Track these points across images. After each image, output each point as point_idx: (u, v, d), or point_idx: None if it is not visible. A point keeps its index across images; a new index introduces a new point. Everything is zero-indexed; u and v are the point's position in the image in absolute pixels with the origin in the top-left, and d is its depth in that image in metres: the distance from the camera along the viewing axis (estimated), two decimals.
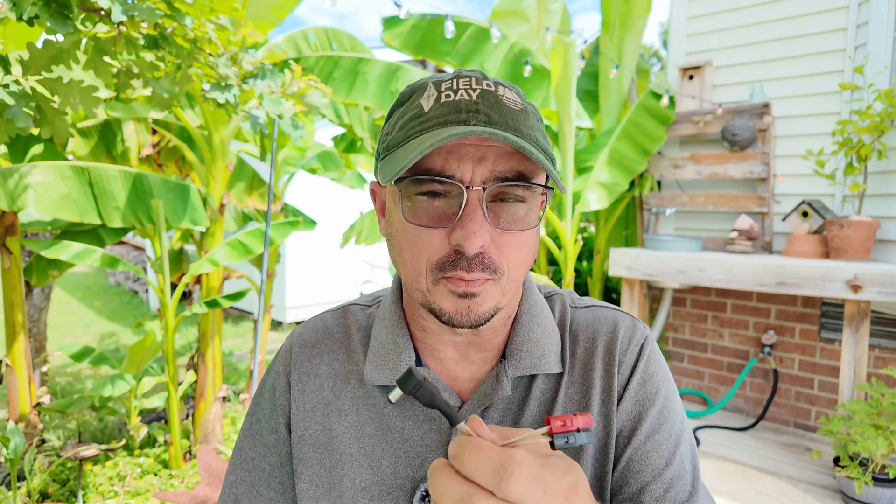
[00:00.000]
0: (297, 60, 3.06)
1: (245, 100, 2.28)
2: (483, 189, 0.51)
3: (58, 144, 2.64)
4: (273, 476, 0.66)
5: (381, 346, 0.64)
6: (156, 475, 2.69)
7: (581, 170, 3.64)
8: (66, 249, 2.37)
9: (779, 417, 3.32)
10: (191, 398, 3.68)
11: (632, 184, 3.71)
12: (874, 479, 2.26)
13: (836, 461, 2.48)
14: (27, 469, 2.34)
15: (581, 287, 4.39)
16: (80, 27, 1.68)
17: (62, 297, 7.88)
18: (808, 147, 3.03)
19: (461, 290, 0.53)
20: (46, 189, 2.24)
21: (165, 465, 2.78)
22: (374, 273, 6.73)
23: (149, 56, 2.04)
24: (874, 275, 2.46)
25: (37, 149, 2.55)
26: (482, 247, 0.52)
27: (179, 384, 3.16)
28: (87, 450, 2.40)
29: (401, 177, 0.53)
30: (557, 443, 0.39)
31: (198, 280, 2.98)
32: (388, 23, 3.59)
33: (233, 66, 2.09)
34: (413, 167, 0.53)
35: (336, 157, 3.89)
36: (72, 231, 2.83)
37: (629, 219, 4.03)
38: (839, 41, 3.01)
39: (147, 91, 2.39)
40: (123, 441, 2.89)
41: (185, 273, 3.01)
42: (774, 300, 3.31)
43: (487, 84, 0.55)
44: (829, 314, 3.12)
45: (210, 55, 2.02)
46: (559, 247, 3.91)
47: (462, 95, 0.53)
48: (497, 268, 0.53)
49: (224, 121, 2.75)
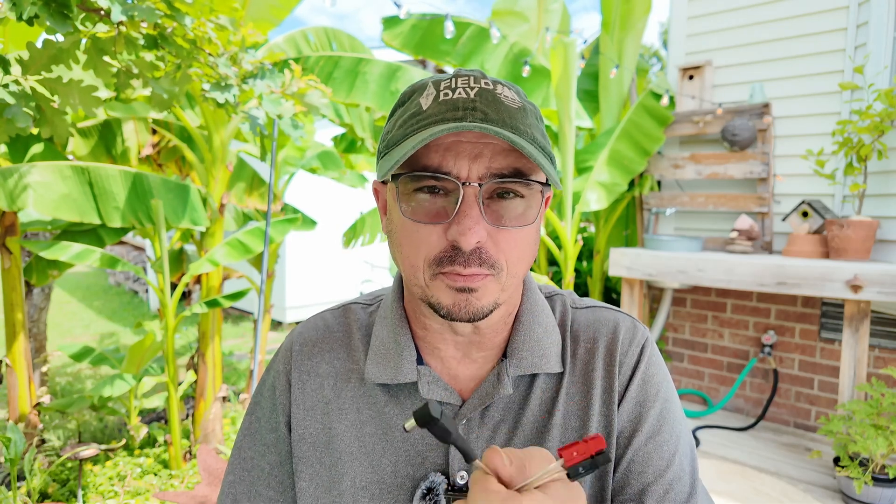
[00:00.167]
0: (297, 60, 3.06)
1: (245, 100, 2.28)
2: (479, 185, 0.52)
3: (58, 144, 2.64)
4: (272, 475, 0.66)
5: (383, 345, 0.64)
6: (156, 475, 2.69)
7: (581, 170, 3.64)
8: (66, 250, 2.37)
9: (779, 417, 3.32)
10: (191, 398, 3.68)
11: (632, 184, 3.71)
12: (874, 479, 2.26)
13: (836, 461, 2.48)
14: (27, 469, 2.33)
15: (581, 287, 4.39)
16: (80, 27, 1.68)
17: (62, 297, 7.88)
18: (808, 147, 3.03)
19: (459, 285, 0.53)
20: (46, 189, 2.24)
21: (165, 465, 2.78)
22: (374, 273, 6.73)
23: (148, 56, 2.04)
24: (874, 275, 2.46)
25: (37, 148, 2.55)
26: (478, 243, 0.52)
27: (179, 384, 3.16)
28: (87, 450, 2.40)
29: (398, 173, 0.53)
30: (573, 474, 0.39)
31: (198, 280, 2.98)
32: (388, 23, 3.59)
33: (233, 66, 2.09)
34: (410, 164, 0.53)
35: (336, 157, 3.89)
36: (72, 231, 2.83)
37: (629, 219, 4.03)
38: (839, 41, 3.01)
39: (147, 91, 2.39)
40: (123, 441, 2.89)
41: (185, 273, 3.01)
42: (774, 300, 3.31)
43: (486, 83, 0.55)
44: (829, 314, 3.12)
45: (210, 55, 2.02)
46: (559, 247, 3.91)
47: (460, 94, 0.53)
48: (495, 262, 0.53)
49: (224, 121, 2.75)
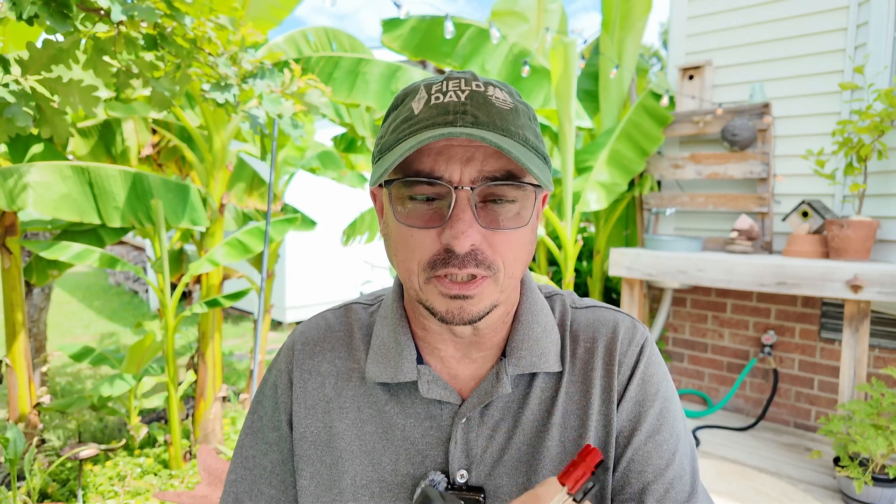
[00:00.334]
0: (298, 60, 3.06)
1: (245, 99, 2.28)
2: (472, 189, 0.52)
3: (58, 144, 2.64)
4: (274, 474, 0.66)
5: (383, 345, 0.64)
6: (156, 475, 2.69)
7: (581, 170, 3.64)
8: (66, 250, 2.37)
9: (779, 417, 3.32)
10: (191, 398, 3.68)
11: (632, 184, 3.71)
12: (874, 479, 2.26)
13: (836, 461, 2.48)
14: (27, 469, 2.33)
15: (581, 287, 4.39)
16: (80, 27, 1.68)
17: (62, 297, 7.88)
18: (808, 147, 3.03)
19: (453, 293, 0.53)
20: (46, 189, 2.24)
21: (165, 465, 2.78)
22: (374, 273, 6.73)
23: (148, 56, 2.04)
24: (874, 275, 2.46)
25: (37, 148, 2.55)
26: (473, 245, 0.52)
27: (179, 384, 3.16)
28: (87, 450, 2.40)
29: (391, 179, 0.54)
30: (581, 497, 0.39)
31: (198, 280, 2.98)
32: (388, 25, 3.59)
33: (232, 66, 2.09)
34: (403, 169, 0.53)
35: (336, 157, 3.89)
36: (72, 231, 2.83)
37: (629, 219, 4.03)
38: (839, 41, 3.01)
39: (147, 91, 2.39)
40: (123, 441, 2.89)
41: (185, 273, 3.01)
42: (774, 300, 3.31)
43: (477, 85, 0.55)
44: (829, 314, 3.12)
45: (210, 55, 2.02)
46: (559, 247, 3.91)
47: (451, 97, 0.54)
48: (491, 263, 0.54)
49: (224, 121, 2.75)
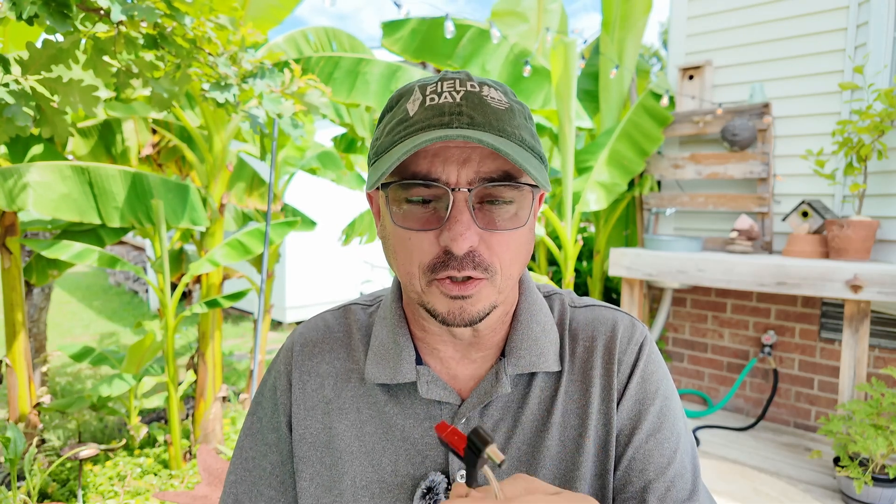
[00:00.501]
0: (298, 60, 3.06)
1: (245, 99, 2.28)
2: (469, 190, 0.52)
3: (58, 144, 2.64)
4: (274, 475, 0.66)
5: (382, 346, 0.64)
6: (156, 475, 2.69)
7: (581, 170, 3.64)
8: (66, 249, 2.37)
9: (779, 417, 3.32)
10: (191, 398, 3.68)
11: (632, 184, 3.71)
12: (874, 479, 2.26)
13: (836, 461, 2.48)
14: (27, 469, 2.33)
15: (581, 287, 4.39)
16: (80, 27, 1.68)
17: (62, 297, 7.88)
18: (808, 147, 3.03)
19: (453, 294, 0.53)
20: (46, 189, 2.24)
21: (165, 465, 2.78)
22: (374, 273, 6.73)
23: (148, 56, 2.04)
24: (874, 275, 2.46)
25: (37, 149, 2.55)
26: (471, 247, 0.52)
27: (179, 384, 3.16)
28: (87, 450, 2.40)
29: (388, 182, 0.53)
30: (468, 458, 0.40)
31: (198, 280, 2.98)
32: (388, 28, 3.58)
33: (232, 66, 2.09)
34: (399, 171, 0.53)
35: (336, 158, 3.88)
36: (72, 231, 2.83)
37: (629, 219, 4.03)
38: (839, 41, 3.01)
39: (147, 91, 2.39)
40: (123, 441, 2.89)
41: (185, 273, 3.01)
42: (774, 300, 3.31)
43: (472, 85, 0.54)
44: (829, 314, 3.12)
45: (209, 55, 2.02)
46: (559, 247, 3.91)
47: (446, 98, 0.53)
48: (489, 265, 0.53)
49: (224, 121, 2.75)
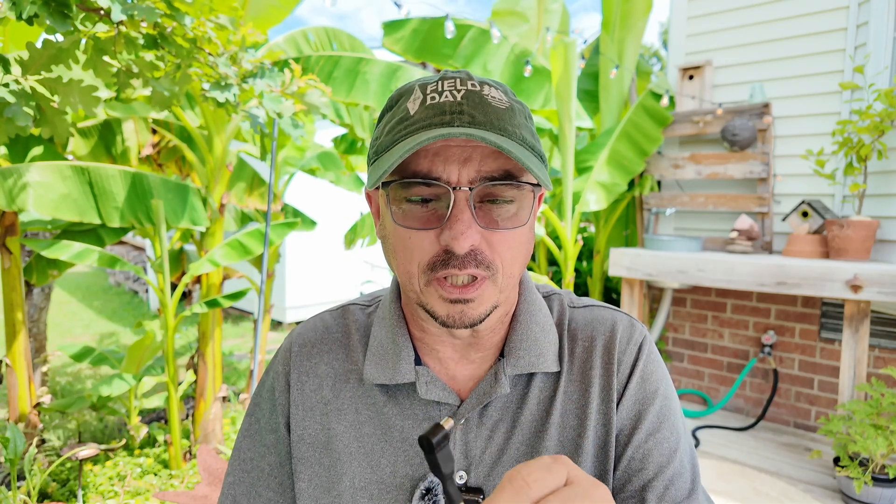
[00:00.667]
0: (298, 60, 3.06)
1: (245, 99, 2.28)
2: (470, 189, 0.51)
3: (58, 144, 2.64)
4: (272, 476, 0.66)
5: (381, 346, 0.64)
6: (156, 475, 2.69)
7: (581, 170, 3.64)
8: (66, 249, 2.37)
9: (779, 417, 3.32)
10: (191, 398, 3.68)
11: (632, 184, 3.71)
12: (874, 479, 2.26)
13: (836, 461, 2.48)
14: (27, 469, 2.33)
15: (581, 287, 4.39)
16: (80, 27, 1.68)
17: (62, 297, 7.88)
18: (808, 147, 3.03)
19: (453, 297, 0.53)
20: (46, 189, 2.24)
21: (165, 465, 2.78)
22: (374, 273, 6.73)
23: (148, 56, 2.04)
24: (874, 275, 2.46)
25: (36, 150, 2.55)
26: (472, 246, 0.52)
27: (179, 384, 3.16)
28: (87, 450, 2.40)
29: (388, 181, 0.53)
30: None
31: (198, 280, 2.98)
32: (389, 27, 3.57)
33: (232, 66, 2.09)
34: (400, 170, 0.53)
35: (336, 158, 3.88)
36: (72, 231, 2.83)
37: (629, 219, 4.03)
38: (839, 41, 3.01)
39: (147, 91, 2.39)
40: (123, 441, 2.89)
41: (185, 273, 3.01)
42: (774, 300, 3.31)
43: (472, 84, 0.54)
44: (829, 314, 3.12)
45: (210, 54, 2.02)
46: (559, 247, 3.91)
47: (446, 97, 0.53)
48: (490, 263, 0.53)
49: (224, 121, 2.75)
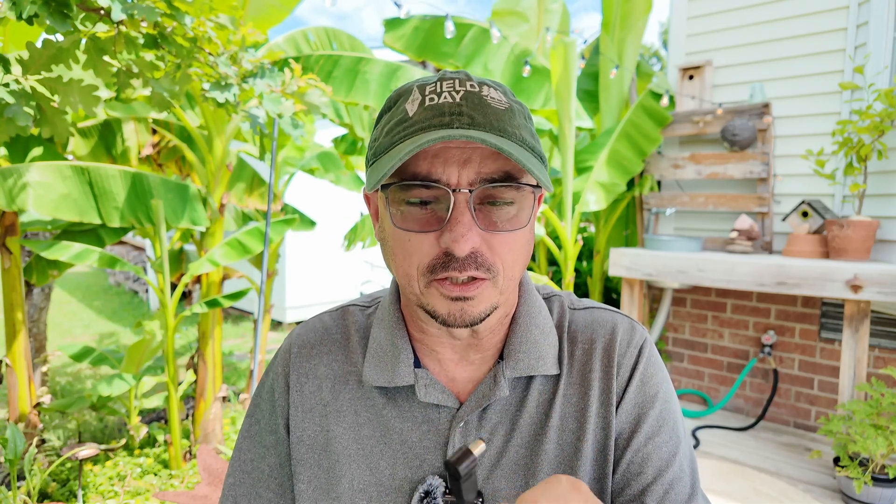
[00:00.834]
0: (297, 60, 3.05)
1: (245, 99, 2.28)
2: (470, 191, 0.51)
3: (58, 144, 2.64)
4: (272, 477, 0.66)
5: (380, 348, 0.64)
6: (156, 475, 2.69)
7: (581, 170, 3.64)
8: (66, 250, 2.37)
9: (779, 417, 3.32)
10: (191, 398, 3.68)
11: (631, 184, 3.71)
12: (874, 479, 2.26)
13: (836, 461, 2.48)
14: (27, 469, 2.33)
15: (581, 287, 4.39)
16: (80, 26, 1.68)
17: (62, 297, 7.88)
18: (808, 147, 3.03)
19: (454, 294, 0.53)
20: (46, 189, 2.24)
21: (165, 465, 2.78)
22: (374, 273, 6.72)
23: (148, 55, 2.04)
24: (874, 275, 2.46)
25: (36, 150, 2.54)
26: (472, 249, 0.51)
27: (179, 384, 3.16)
28: (87, 450, 2.40)
29: (387, 183, 0.53)
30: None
31: (198, 280, 2.98)
32: (390, 25, 3.57)
33: (232, 66, 2.09)
34: (399, 172, 0.52)
35: (336, 158, 3.88)
36: (72, 231, 2.83)
37: (629, 219, 4.02)
38: (839, 41, 3.01)
39: (147, 91, 2.39)
40: (123, 441, 2.89)
41: (185, 273, 3.01)
42: (774, 300, 3.31)
43: (471, 85, 0.54)
44: (829, 314, 3.12)
45: (210, 54, 2.02)
46: (559, 247, 3.91)
47: (445, 98, 0.53)
48: (491, 266, 0.53)
49: (224, 121, 2.75)
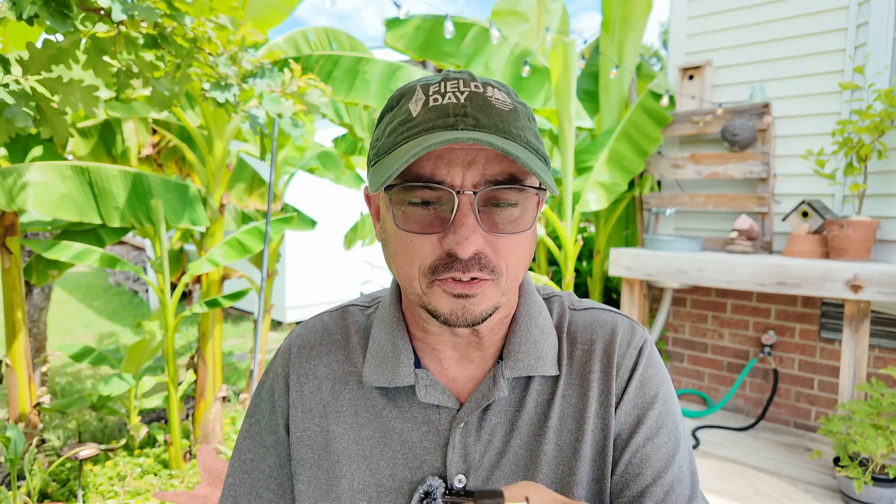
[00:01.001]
0: (297, 60, 3.05)
1: (245, 99, 2.28)
2: (474, 193, 0.51)
3: (58, 144, 2.64)
4: (272, 477, 0.66)
5: (380, 348, 0.63)
6: (156, 475, 2.69)
7: (581, 170, 3.64)
8: (66, 250, 2.37)
9: (779, 417, 3.32)
10: (191, 398, 3.68)
11: (632, 184, 3.71)
12: (874, 479, 2.26)
13: (836, 461, 2.48)
14: (27, 469, 2.33)
15: (581, 287, 4.38)
16: (80, 26, 1.68)
17: (62, 297, 7.88)
18: (808, 147, 3.03)
19: (457, 292, 0.52)
20: (46, 189, 2.24)
21: (165, 465, 2.78)
22: (374, 273, 6.72)
23: (148, 56, 2.04)
24: (874, 275, 2.46)
25: (36, 150, 2.54)
26: (476, 250, 0.51)
27: (179, 384, 3.16)
28: (87, 450, 2.40)
29: (391, 184, 0.53)
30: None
31: (198, 280, 2.98)
32: (391, 24, 3.57)
33: (232, 66, 2.09)
34: (403, 173, 0.52)
35: (336, 158, 3.88)
36: (72, 231, 2.83)
37: (629, 219, 4.02)
38: (839, 41, 3.01)
39: (147, 91, 2.39)
40: (123, 441, 2.89)
41: (185, 273, 3.01)
42: (774, 300, 3.31)
43: (476, 86, 0.53)
44: (829, 314, 3.12)
45: (210, 54, 2.02)
46: (559, 247, 3.91)
47: (450, 99, 0.52)
48: (495, 267, 0.53)
49: (224, 121, 2.75)
